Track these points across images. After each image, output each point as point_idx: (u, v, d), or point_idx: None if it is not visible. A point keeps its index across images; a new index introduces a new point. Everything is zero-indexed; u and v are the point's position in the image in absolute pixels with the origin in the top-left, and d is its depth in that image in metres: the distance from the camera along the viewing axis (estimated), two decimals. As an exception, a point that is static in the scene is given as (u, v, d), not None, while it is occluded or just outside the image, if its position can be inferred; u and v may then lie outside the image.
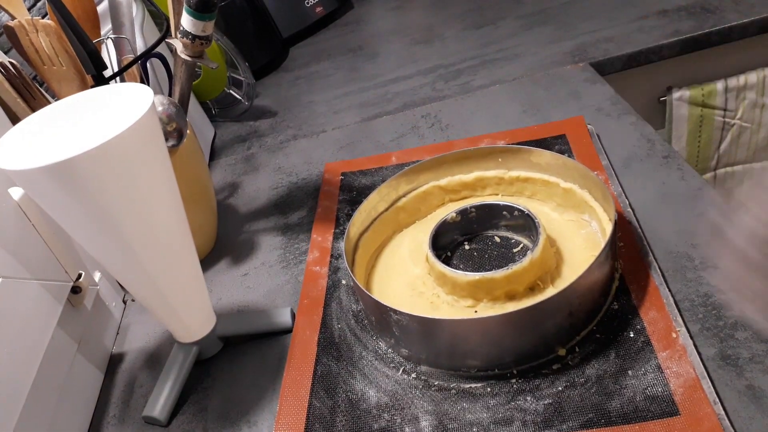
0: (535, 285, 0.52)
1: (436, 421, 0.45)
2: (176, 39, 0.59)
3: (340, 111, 0.94)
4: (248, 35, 1.10)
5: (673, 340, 0.45)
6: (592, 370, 0.45)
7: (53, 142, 0.39)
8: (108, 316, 0.62)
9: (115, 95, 0.44)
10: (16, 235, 0.49)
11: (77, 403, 0.53)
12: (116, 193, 0.41)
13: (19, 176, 0.38)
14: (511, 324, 0.45)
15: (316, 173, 0.80)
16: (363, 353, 0.52)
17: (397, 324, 0.48)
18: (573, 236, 0.56)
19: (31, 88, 0.55)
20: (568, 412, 0.43)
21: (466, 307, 0.52)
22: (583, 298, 0.47)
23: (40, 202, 0.42)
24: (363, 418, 0.47)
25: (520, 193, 0.63)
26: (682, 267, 0.52)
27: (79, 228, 0.43)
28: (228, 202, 0.80)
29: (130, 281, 0.48)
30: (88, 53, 0.55)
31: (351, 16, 1.29)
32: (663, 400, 0.42)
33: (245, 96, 1.01)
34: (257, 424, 0.50)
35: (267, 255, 0.68)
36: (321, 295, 0.59)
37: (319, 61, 1.14)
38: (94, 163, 0.38)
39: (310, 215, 0.71)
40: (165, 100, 0.58)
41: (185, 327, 0.54)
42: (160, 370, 0.54)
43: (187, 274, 0.50)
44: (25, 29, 0.55)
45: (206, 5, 0.56)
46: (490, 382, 0.47)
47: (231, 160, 0.90)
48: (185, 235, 0.48)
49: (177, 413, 0.52)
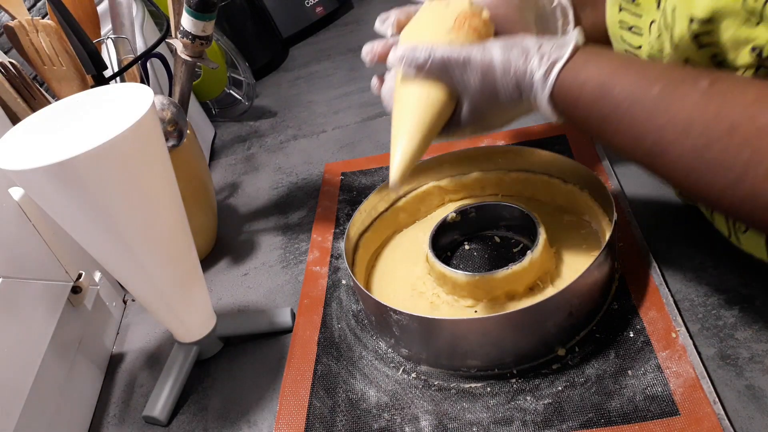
0: (535, 285, 0.52)
1: (436, 420, 0.45)
2: (176, 39, 0.59)
3: (340, 111, 0.94)
4: (248, 35, 1.10)
5: (673, 340, 0.45)
6: (592, 370, 0.45)
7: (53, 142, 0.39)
8: (108, 316, 0.62)
9: (115, 95, 0.44)
10: (17, 235, 0.49)
11: (77, 402, 0.53)
12: (116, 193, 0.41)
13: (19, 176, 0.38)
14: (511, 324, 0.45)
15: (316, 173, 0.80)
16: (363, 353, 0.52)
17: (397, 324, 0.48)
18: (573, 236, 0.56)
19: (31, 88, 0.55)
20: (568, 412, 0.43)
21: (466, 307, 0.52)
22: (583, 298, 0.47)
23: (40, 202, 0.42)
24: (363, 417, 0.47)
25: (520, 193, 0.63)
26: (682, 267, 0.52)
27: (79, 228, 0.43)
28: (228, 202, 0.80)
29: (130, 281, 0.48)
30: (88, 53, 0.55)
31: (351, 16, 1.29)
32: (663, 400, 0.42)
33: (245, 96, 1.01)
34: (257, 424, 0.50)
35: (267, 255, 0.68)
36: (321, 295, 0.59)
37: (319, 61, 1.14)
38: (95, 163, 0.38)
39: (310, 215, 0.72)
40: (165, 100, 0.58)
41: (185, 327, 0.54)
42: (160, 370, 0.54)
43: (187, 274, 0.50)
44: (25, 29, 0.55)
45: (206, 5, 0.56)
46: (490, 381, 0.47)
47: (231, 160, 0.90)
48: (185, 235, 0.48)
49: (177, 413, 0.52)
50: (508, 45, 0.40)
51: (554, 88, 0.39)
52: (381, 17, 0.47)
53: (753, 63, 0.33)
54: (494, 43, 0.40)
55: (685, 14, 0.35)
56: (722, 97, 0.32)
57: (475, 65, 0.40)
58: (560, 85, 0.39)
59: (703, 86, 0.33)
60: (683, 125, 0.33)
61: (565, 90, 0.39)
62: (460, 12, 0.43)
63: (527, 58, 0.39)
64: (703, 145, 0.32)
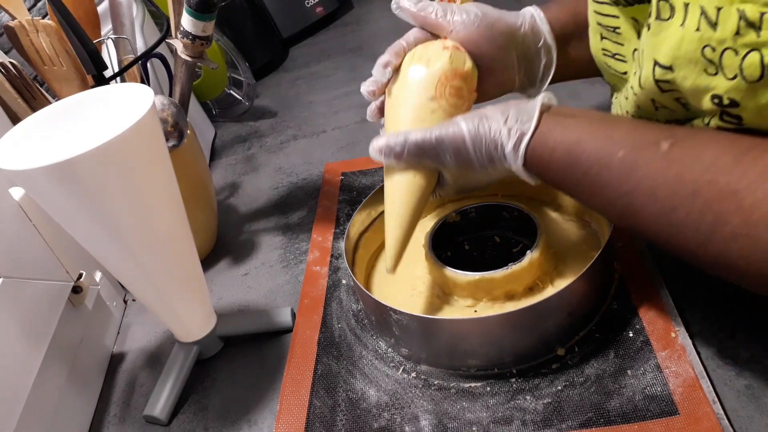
0: (535, 285, 0.52)
1: (436, 420, 0.45)
2: (176, 39, 0.60)
3: (340, 111, 0.94)
4: (248, 35, 1.10)
5: (672, 340, 0.45)
6: (592, 369, 0.45)
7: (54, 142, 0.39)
8: (108, 316, 0.62)
9: (115, 95, 0.44)
10: (17, 235, 0.49)
11: (78, 402, 0.53)
12: (117, 193, 0.41)
13: (19, 176, 0.38)
14: (511, 324, 0.45)
15: (316, 173, 0.80)
16: (363, 353, 0.52)
17: (397, 323, 0.48)
18: (572, 236, 0.56)
19: (32, 88, 0.55)
20: (568, 412, 0.43)
21: (466, 306, 0.52)
22: (583, 298, 0.47)
23: (41, 202, 0.42)
24: (363, 417, 0.47)
25: (520, 193, 0.63)
26: (682, 267, 0.52)
27: (80, 228, 0.43)
28: (228, 202, 0.80)
29: (131, 281, 0.48)
30: (88, 53, 0.56)
31: (351, 16, 1.29)
32: (662, 400, 0.42)
33: (245, 96, 1.01)
34: (258, 424, 0.50)
35: (267, 255, 0.68)
36: (321, 295, 0.59)
37: (319, 61, 1.14)
38: (95, 163, 0.38)
39: (311, 215, 0.72)
40: (165, 100, 0.58)
41: (185, 327, 0.54)
42: (160, 370, 0.54)
43: (187, 273, 0.50)
44: (25, 29, 0.55)
45: (206, 5, 0.56)
46: (490, 381, 0.47)
47: (231, 160, 0.90)
48: (185, 235, 0.49)
49: (177, 413, 0.53)
50: (475, 120, 0.41)
51: (525, 158, 0.40)
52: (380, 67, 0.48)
53: (715, 110, 0.34)
54: (462, 118, 0.42)
55: (651, 57, 0.36)
56: (681, 160, 0.33)
57: (448, 144, 0.42)
58: (531, 154, 0.40)
59: (663, 149, 0.34)
60: (649, 190, 0.35)
61: (537, 158, 0.40)
62: (440, 76, 0.45)
63: (495, 132, 0.41)
64: (670, 209, 0.34)
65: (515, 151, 0.40)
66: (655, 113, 0.40)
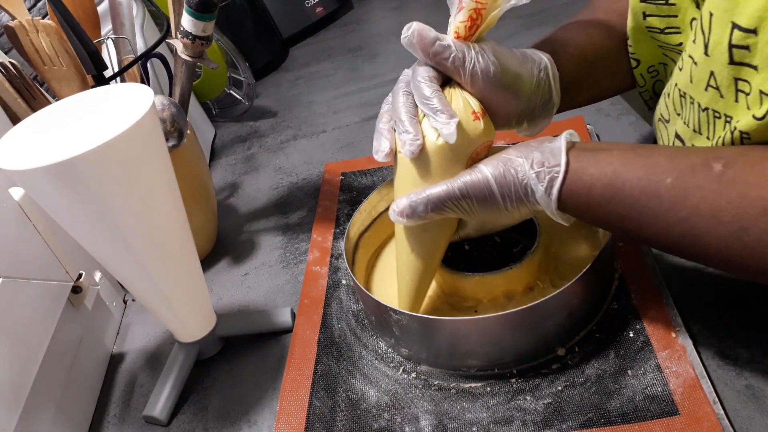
0: (535, 285, 0.52)
1: (436, 420, 0.45)
2: (176, 39, 0.60)
3: (340, 111, 0.94)
4: (248, 35, 1.10)
5: (673, 340, 0.45)
6: (592, 369, 0.45)
7: (53, 142, 0.39)
8: (108, 316, 0.62)
9: (115, 95, 0.44)
10: (17, 235, 0.49)
11: (78, 402, 0.53)
12: (116, 193, 0.41)
13: (19, 176, 0.38)
14: (511, 324, 0.45)
15: (316, 173, 0.80)
16: (363, 353, 0.52)
17: (397, 324, 0.48)
18: (573, 236, 0.56)
19: (32, 88, 0.55)
20: (568, 412, 0.43)
21: (466, 306, 0.52)
22: (583, 298, 0.47)
23: (41, 202, 0.42)
24: (363, 417, 0.47)
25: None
26: (682, 267, 0.52)
27: (79, 228, 0.43)
28: (228, 202, 0.80)
29: (131, 281, 0.48)
30: (88, 53, 0.56)
31: (351, 16, 1.29)
32: (662, 400, 0.42)
33: (245, 96, 1.01)
34: (257, 424, 0.50)
35: (267, 255, 0.68)
36: (321, 295, 0.59)
37: (319, 61, 1.14)
38: (95, 163, 0.38)
39: (310, 215, 0.72)
40: (165, 100, 0.58)
41: (185, 327, 0.54)
42: (160, 370, 0.54)
43: (187, 274, 0.50)
44: (25, 29, 0.55)
45: (206, 5, 0.56)
46: (490, 381, 0.47)
47: (231, 160, 0.90)
48: (185, 235, 0.48)
49: (177, 413, 0.53)
50: (499, 167, 0.40)
51: (560, 199, 0.39)
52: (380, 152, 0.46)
53: None
54: (485, 165, 0.40)
55: (727, 20, 0.34)
56: (742, 180, 0.32)
57: (473, 194, 0.40)
58: (566, 195, 0.39)
59: (717, 171, 0.33)
60: (710, 213, 0.33)
61: (573, 197, 0.39)
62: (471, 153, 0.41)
63: (523, 176, 0.39)
64: (739, 229, 0.32)
65: (548, 194, 0.39)
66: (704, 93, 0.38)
